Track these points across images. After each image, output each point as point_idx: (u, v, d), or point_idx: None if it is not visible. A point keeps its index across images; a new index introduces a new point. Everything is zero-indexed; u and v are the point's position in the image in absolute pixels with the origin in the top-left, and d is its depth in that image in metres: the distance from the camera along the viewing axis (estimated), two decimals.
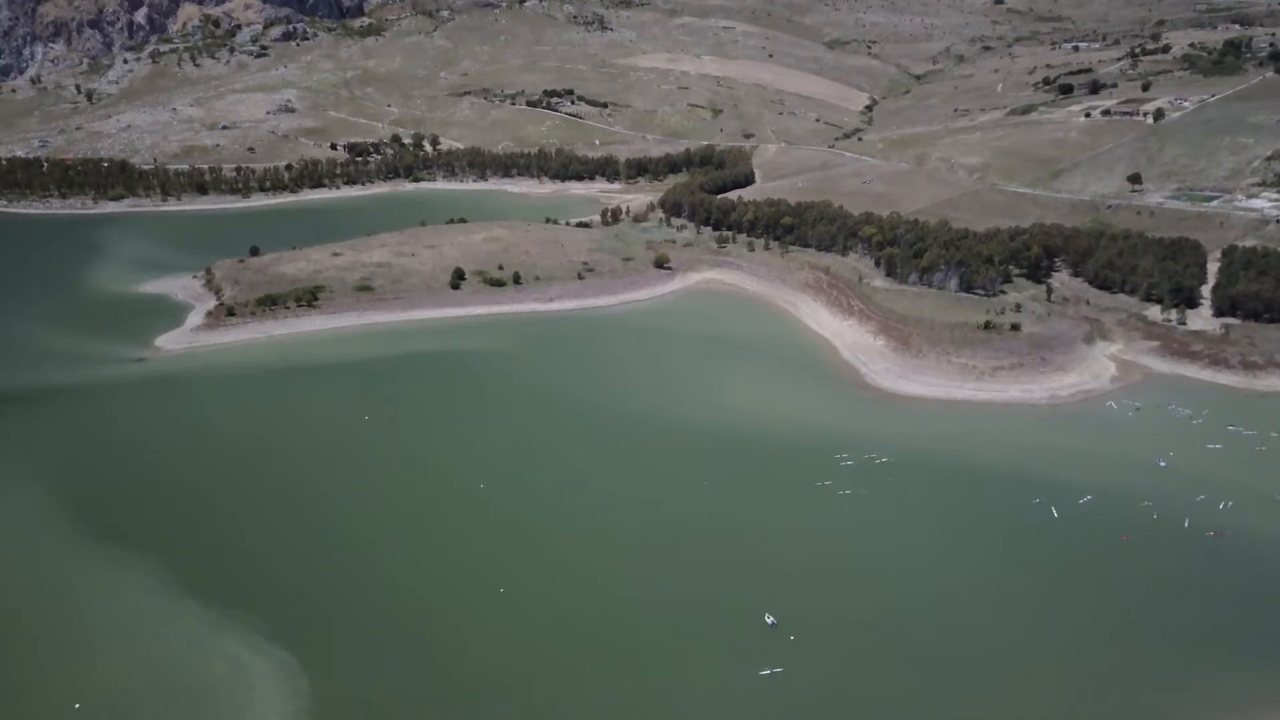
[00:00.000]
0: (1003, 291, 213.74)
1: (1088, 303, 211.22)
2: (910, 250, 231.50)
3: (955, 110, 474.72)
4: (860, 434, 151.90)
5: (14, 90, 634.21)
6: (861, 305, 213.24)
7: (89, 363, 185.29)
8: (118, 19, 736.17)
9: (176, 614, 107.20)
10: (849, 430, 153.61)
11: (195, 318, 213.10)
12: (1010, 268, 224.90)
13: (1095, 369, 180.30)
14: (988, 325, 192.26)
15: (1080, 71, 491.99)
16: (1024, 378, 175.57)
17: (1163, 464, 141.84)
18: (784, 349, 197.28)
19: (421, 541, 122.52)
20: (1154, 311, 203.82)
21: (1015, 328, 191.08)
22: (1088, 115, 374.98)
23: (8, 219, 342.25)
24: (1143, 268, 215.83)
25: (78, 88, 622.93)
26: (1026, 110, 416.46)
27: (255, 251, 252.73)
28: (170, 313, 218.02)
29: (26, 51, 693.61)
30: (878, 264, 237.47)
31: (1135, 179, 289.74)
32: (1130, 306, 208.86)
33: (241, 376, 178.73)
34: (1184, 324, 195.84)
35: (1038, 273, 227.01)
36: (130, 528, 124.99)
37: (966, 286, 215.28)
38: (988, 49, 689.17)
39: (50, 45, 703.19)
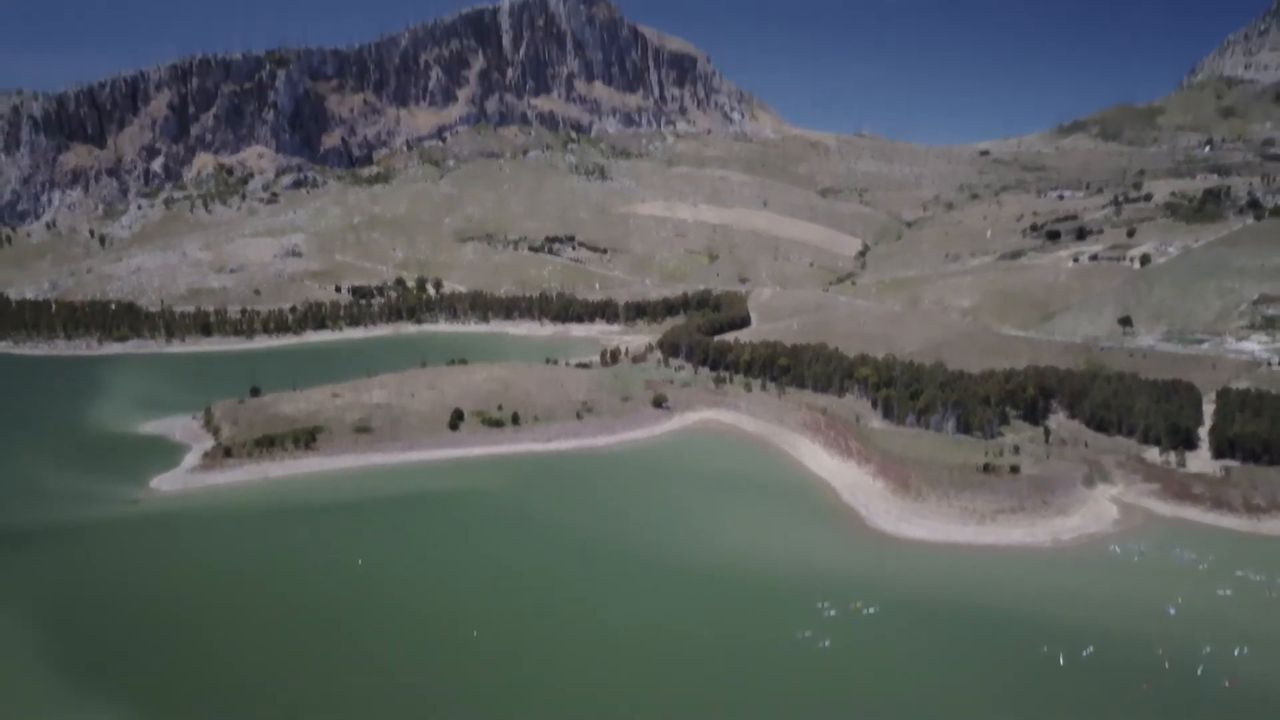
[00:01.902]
0: (1000, 433, 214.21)
1: (1086, 444, 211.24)
2: (907, 391, 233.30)
3: (946, 255, 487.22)
4: (859, 579, 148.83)
5: (29, 234, 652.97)
6: (860, 446, 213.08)
7: (82, 503, 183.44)
8: (135, 167, 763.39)
9: None
10: (848, 575, 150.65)
11: (192, 458, 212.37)
12: (1007, 408, 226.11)
13: (1097, 511, 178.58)
14: (987, 467, 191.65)
15: (1066, 218, 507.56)
16: (1025, 520, 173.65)
17: (1172, 610, 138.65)
18: (783, 490, 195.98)
19: (410, 692, 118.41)
20: (1152, 453, 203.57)
21: (1015, 469, 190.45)
22: (1076, 260, 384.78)
23: (13, 360, 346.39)
24: (1139, 409, 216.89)
25: (91, 232, 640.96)
26: (1016, 255, 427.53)
27: (256, 392, 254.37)
28: (168, 453, 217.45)
29: (44, 197, 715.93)
30: (875, 405, 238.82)
31: (1126, 321, 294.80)
32: (1128, 448, 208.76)
33: (234, 518, 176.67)
34: (1184, 466, 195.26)
35: (1034, 413, 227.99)
36: (111, 674, 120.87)
37: (964, 427, 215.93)
38: (975, 196, 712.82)
39: (68, 192, 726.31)
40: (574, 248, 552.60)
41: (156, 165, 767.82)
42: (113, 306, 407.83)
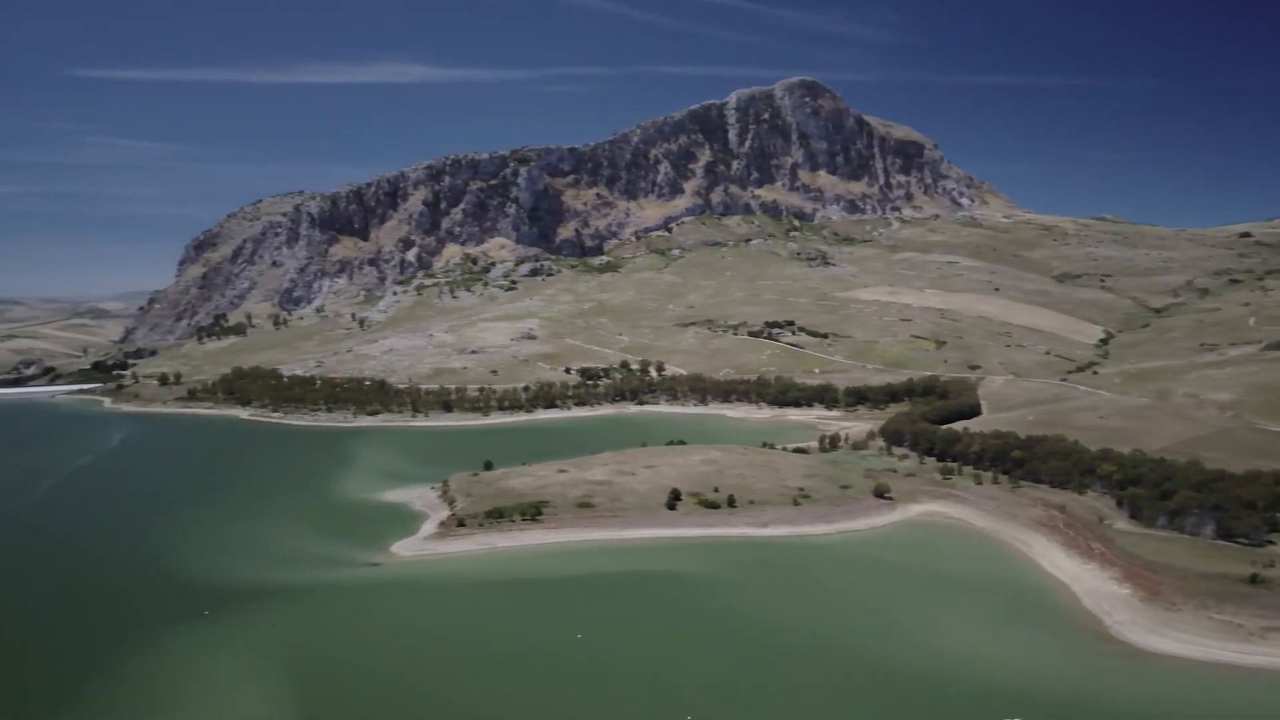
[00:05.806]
0: (1270, 541, 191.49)
1: None
2: (1156, 491, 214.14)
3: (1201, 345, 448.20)
4: (1085, 694, 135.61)
5: (301, 318, 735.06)
6: (1102, 548, 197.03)
7: (330, 564, 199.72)
8: (392, 257, 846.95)
9: None
10: (1074, 688, 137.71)
11: (429, 527, 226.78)
12: (1277, 515, 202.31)
13: None
14: (1255, 578, 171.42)
15: None
16: None
17: None
18: (1015, 591, 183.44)
19: None
20: None
21: None
22: None
23: (282, 429, 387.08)
24: None
25: (352, 315, 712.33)
26: None
27: (488, 466, 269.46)
28: (407, 521, 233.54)
29: (316, 285, 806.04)
30: (1119, 504, 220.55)
31: None
32: None
33: (464, 586, 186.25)
34: None
35: None
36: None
37: (1224, 533, 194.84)
38: (1235, 282, 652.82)
39: (335, 279, 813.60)
40: (793, 333, 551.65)
41: (411, 255, 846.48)
42: (367, 383, 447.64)
